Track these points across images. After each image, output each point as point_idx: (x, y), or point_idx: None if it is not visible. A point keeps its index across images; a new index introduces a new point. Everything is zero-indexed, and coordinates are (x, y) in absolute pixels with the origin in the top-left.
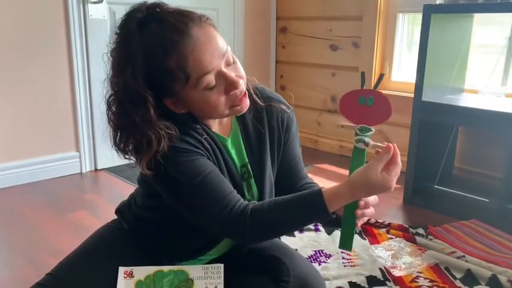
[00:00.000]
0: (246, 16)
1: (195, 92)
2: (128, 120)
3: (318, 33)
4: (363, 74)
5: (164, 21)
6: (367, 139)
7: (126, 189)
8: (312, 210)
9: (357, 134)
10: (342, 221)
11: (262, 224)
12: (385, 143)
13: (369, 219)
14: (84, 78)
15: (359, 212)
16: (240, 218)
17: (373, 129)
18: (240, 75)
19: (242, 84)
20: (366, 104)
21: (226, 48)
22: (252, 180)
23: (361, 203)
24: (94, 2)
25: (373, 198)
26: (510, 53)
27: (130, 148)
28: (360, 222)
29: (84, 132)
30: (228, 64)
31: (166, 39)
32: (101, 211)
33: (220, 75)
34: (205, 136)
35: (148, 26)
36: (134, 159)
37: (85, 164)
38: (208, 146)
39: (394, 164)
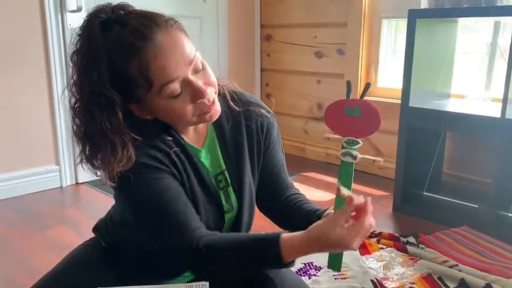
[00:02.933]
0: (229, 25)
1: (159, 100)
2: (96, 125)
3: (303, 40)
4: (348, 83)
5: (127, 24)
6: (354, 152)
7: (108, 204)
8: (266, 257)
9: (343, 147)
10: None
11: (215, 260)
12: (349, 195)
13: None
14: (64, 89)
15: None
16: (193, 249)
17: (360, 141)
18: (209, 82)
19: (210, 93)
20: (353, 115)
21: (194, 54)
22: (230, 189)
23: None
24: (72, 11)
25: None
26: (492, 58)
27: (98, 158)
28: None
29: (64, 145)
30: (196, 71)
31: (127, 44)
32: (82, 227)
33: (187, 83)
34: (175, 149)
35: (111, 28)
36: (101, 170)
37: (65, 177)
38: (177, 160)
39: (359, 223)
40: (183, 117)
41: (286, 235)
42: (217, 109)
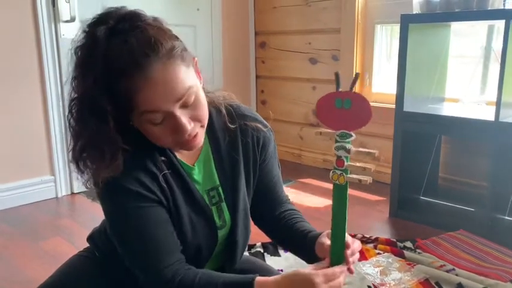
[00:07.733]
0: (224, 32)
1: (139, 120)
2: (86, 129)
3: (297, 47)
4: (337, 74)
5: (128, 42)
6: (348, 145)
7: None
8: None
9: (337, 141)
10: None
11: None
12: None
13: (355, 235)
14: (58, 99)
15: (350, 260)
16: (165, 284)
17: (353, 134)
18: (197, 116)
19: (193, 129)
20: (344, 107)
21: (187, 89)
22: (224, 204)
23: (348, 252)
24: (66, 21)
25: (357, 245)
26: (487, 62)
27: (85, 159)
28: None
29: (59, 155)
30: (184, 105)
31: (121, 63)
32: (77, 237)
33: (170, 116)
34: (165, 172)
35: (116, 37)
36: (86, 173)
37: (60, 188)
38: (165, 185)
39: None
40: (160, 142)
41: (261, 279)
42: (197, 142)
